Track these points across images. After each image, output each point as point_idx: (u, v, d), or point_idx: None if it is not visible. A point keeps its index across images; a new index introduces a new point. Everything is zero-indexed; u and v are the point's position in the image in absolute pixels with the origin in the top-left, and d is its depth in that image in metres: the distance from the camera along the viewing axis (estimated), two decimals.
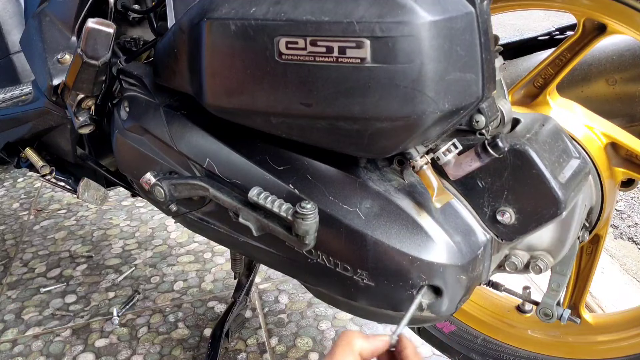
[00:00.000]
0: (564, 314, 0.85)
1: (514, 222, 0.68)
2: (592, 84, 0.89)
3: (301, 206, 0.64)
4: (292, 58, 0.59)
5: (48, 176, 1.11)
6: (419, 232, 0.66)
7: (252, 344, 1.30)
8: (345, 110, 0.58)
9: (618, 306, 1.47)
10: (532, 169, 0.65)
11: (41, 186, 2.12)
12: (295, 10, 0.58)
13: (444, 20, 0.54)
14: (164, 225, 1.81)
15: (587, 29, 0.78)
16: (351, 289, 0.71)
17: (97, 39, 0.76)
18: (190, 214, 0.83)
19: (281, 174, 0.72)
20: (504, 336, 1.02)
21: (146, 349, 1.30)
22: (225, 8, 0.63)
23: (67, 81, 0.85)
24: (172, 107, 0.80)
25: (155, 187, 0.77)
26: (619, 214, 2.04)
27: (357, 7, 0.55)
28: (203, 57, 0.66)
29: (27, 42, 1.01)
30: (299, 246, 0.67)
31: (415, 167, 0.65)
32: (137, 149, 0.83)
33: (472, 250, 0.68)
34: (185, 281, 1.53)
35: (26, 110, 1.07)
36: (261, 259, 0.83)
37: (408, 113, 0.56)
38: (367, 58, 0.55)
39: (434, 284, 0.66)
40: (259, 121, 0.67)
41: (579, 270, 0.93)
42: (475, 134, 0.64)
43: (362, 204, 0.68)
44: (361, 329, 1.33)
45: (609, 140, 0.81)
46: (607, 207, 0.82)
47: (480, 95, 0.58)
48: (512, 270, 0.77)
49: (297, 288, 1.47)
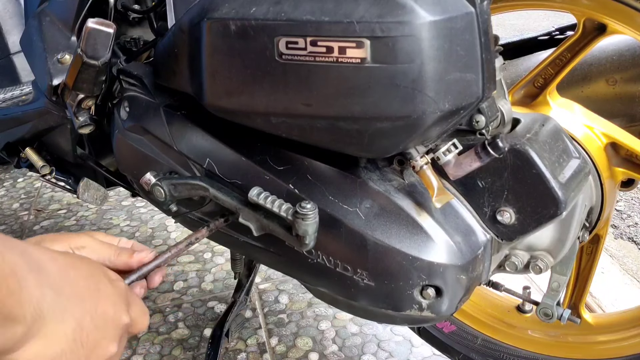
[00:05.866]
0: (564, 314, 0.85)
1: (514, 222, 0.68)
2: (592, 84, 0.90)
3: (301, 206, 0.64)
4: (292, 58, 0.59)
5: (48, 176, 1.11)
6: (419, 232, 0.66)
7: (252, 344, 1.30)
8: (345, 110, 0.58)
9: (618, 306, 1.47)
10: (532, 169, 0.65)
11: (41, 186, 2.12)
12: (295, 10, 0.58)
13: (444, 20, 0.54)
14: (164, 225, 1.81)
15: (587, 29, 0.78)
16: (351, 289, 0.71)
17: (97, 39, 0.76)
18: (190, 214, 0.82)
19: (281, 174, 0.72)
20: (504, 336, 1.02)
21: (146, 349, 1.30)
22: (226, 8, 0.63)
23: (67, 81, 0.85)
24: (172, 107, 0.80)
25: (155, 187, 0.77)
26: (619, 214, 2.04)
27: (357, 7, 0.55)
28: (203, 57, 0.66)
29: (27, 42, 1.01)
30: (299, 246, 0.67)
31: (415, 167, 0.65)
32: (137, 149, 0.83)
33: (472, 250, 0.68)
34: (185, 281, 1.53)
35: (26, 110, 1.07)
36: (261, 259, 0.83)
37: (408, 113, 0.56)
38: (367, 58, 0.55)
39: (434, 284, 0.66)
40: (259, 121, 0.67)
41: (579, 270, 0.93)
42: (476, 134, 0.64)
43: (362, 204, 0.68)
44: (361, 329, 1.33)
45: (609, 140, 0.81)
46: (607, 207, 0.82)
47: (481, 95, 0.58)
48: (512, 270, 0.77)
49: (297, 288, 1.47)
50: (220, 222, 0.73)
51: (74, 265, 0.50)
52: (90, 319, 0.48)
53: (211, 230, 0.71)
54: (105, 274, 0.54)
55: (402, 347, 1.27)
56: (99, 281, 0.52)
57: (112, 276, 0.55)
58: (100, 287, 0.51)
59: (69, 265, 0.49)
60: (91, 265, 0.53)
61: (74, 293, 0.48)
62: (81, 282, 0.49)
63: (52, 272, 0.47)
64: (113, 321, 0.51)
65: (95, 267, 0.53)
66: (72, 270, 0.49)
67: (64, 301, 0.46)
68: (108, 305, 0.51)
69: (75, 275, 0.49)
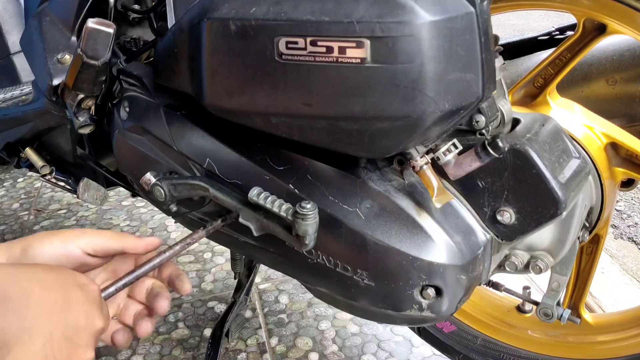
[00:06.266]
0: (564, 314, 0.85)
1: (514, 222, 0.68)
2: (592, 84, 0.90)
3: (301, 206, 0.64)
4: (292, 58, 0.59)
5: (48, 176, 1.11)
6: (419, 232, 0.66)
7: (252, 344, 1.30)
8: (345, 110, 0.58)
9: (618, 306, 1.47)
10: (532, 169, 0.65)
11: (41, 186, 2.12)
12: (295, 10, 0.58)
13: (444, 20, 0.54)
14: (164, 225, 1.81)
15: (587, 29, 0.78)
16: (351, 289, 0.71)
17: (97, 39, 0.76)
18: (190, 214, 0.82)
19: (281, 174, 0.72)
20: (504, 336, 1.02)
21: (146, 349, 1.30)
22: (226, 8, 0.63)
23: (67, 81, 0.85)
24: (172, 107, 0.80)
25: (155, 187, 0.77)
26: (619, 214, 2.04)
27: (357, 7, 0.55)
28: (203, 57, 0.66)
29: (27, 42, 1.01)
30: (299, 246, 0.67)
31: (415, 167, 0.65)
32: (137, 149, 0.83)
33: (472, 250, 0.68)
34: None
35: (26, 110, 1.07)
36: (261, 259, 0.83)
37: (408, 113, 0.56)
38: (367, 58, 0.55)
39: (434, 284, 0.66)
40: (259, 121, 0.67)
41: (579, 270, 0.93)
42: (476, 134, 0.64)
43: (362, 204, 0.68)
44: (361, 329, 1.33)
45: (609, 140, 0.81)
46: (607, 207, 0.82)
47: (481, 95, 0.58)
48: (512, 270, 0.77)
49: (297, 288, 1.47)
50: (218, 224, 0.73)
51: (40, 279, 0.50)
52: (61, 333, 0.49)
53: (208, 231, 0.71)
54: (75, 281, 0.53)
55: (402, 347, 1.27)
56: (68, 290, 0.52)
57: (83, 281, 0.54)
58: (69, 296, 0.51)
59: (34, 282, 0.49)
60: (59, 274, 0.53)
61: (40, 311, 0.48)
62: (48, 296, 0.49)
63: (14, 297, 0.47)
64: (86, 329, 0.51)
65: (64, 276, 0.53)
66: (37, 286, 0.49)
67: (29, 322, 0.47)
68: (79, 314, 0.51)
69: (40, 291, 0.49)
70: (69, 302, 0.51)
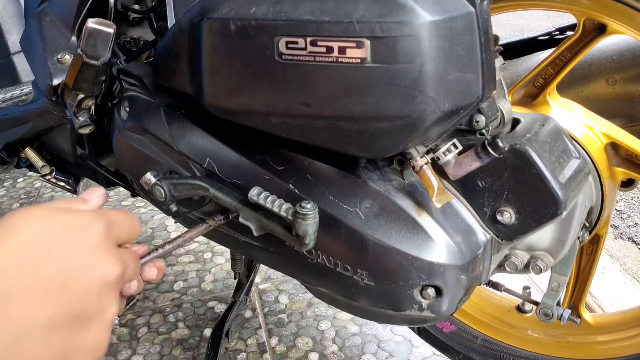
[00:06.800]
0: (564, 314, 0.85)
1: (514, 222, 0.68)
2: (592, 84, 0.90)
3: (301, 206, 0.64)
4: (292, 58, 0.59)
5: (48, 176, 1.11)
6: (419, 232, 0.66)
7: (252, 344, 1.30)
8: (345, 110, 0.58)
9: (618, 306, 1.47)
10: (532, 169, 0.65)
11: (41, 186, 2.11)
12: (295, 10, 0.58)
13: (444, 20, 0.54)
14: (164, 225, 1.81)
15: (587, 29, 0.78)
16: (351, 289, 0.71)
17: (97, 39, 0.75)
18: (190, 214, 0.82)
19: (281, 174, 0.72)
20: (504, 336, 1.02)
21: (146, 349, 1.30)
22: (226, 8, 0.63)
23: (67, 81, 0.85)
24: (172, 107, 0.80)
25: (155, 187, 0.77)
26: (619, 214, 2.04)
27: (357, 7, 0.55)
28: (203, 57, 0.66)
29: (27, 42, 1.01)
30: (299, 246, 0.67)
31: (415, 167, 0.65)
32: (137, 149, 0.83)
33: (472, 250, 0.68)
34: (185, 281, 1.53)
35: (26, 110, 1.07)
36: (261, 259, 0.83)
37: (408, 113, 0.56)
38: (367, 58, 0.55)
39: (434, 284, 0.66)
40: (259, 121, 0.67)
41: (579, 270, 0.93)
42: (476, 134, 0.64)
43: (362, 203, 0.68)
44: (361, 329, 1.33)
45: (609, 140, 0.81)
46: (607, 207, 0.82)
47: (481, 95, 0.58)
48: (512, 270, 0.77)
49: (297, 288, 1.47)
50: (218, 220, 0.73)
51: (33, 259, 0.41)
52: (61, 318, 0.41)
53: (209, 226, 0.71)
54: (69, 232, 0.44)
55: (402, 347, 1.27)
56: (62, 256, 0.42)
57: (82, 222, 0.45)
58: (66, 263, 0.42)
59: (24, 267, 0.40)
60: (46, 234, 0.42)
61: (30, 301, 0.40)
62: (41, 276, 0.40)
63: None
64: (100, 291, 0.43)
65: (50, 237, 0.42)
66: (33, 265, 0.41)
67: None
68: (84, 281, 0.42)
69: (33, 270, 0.40)
70: (66, 279, 0.42)
